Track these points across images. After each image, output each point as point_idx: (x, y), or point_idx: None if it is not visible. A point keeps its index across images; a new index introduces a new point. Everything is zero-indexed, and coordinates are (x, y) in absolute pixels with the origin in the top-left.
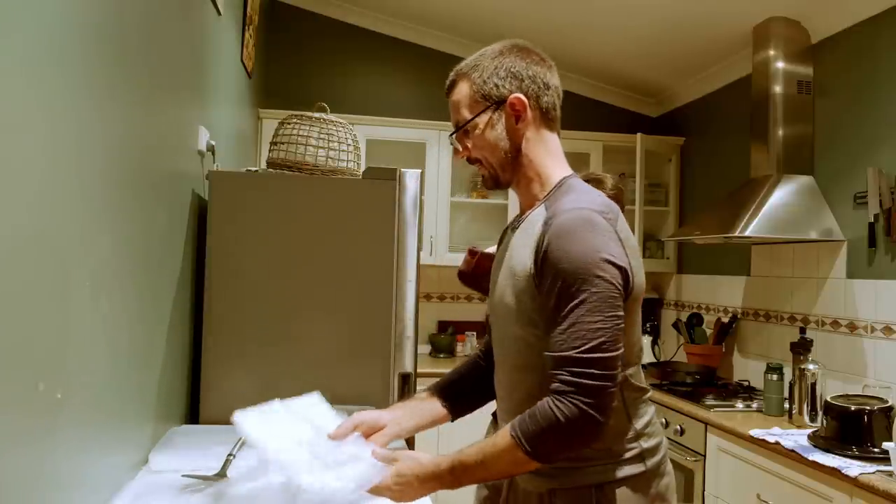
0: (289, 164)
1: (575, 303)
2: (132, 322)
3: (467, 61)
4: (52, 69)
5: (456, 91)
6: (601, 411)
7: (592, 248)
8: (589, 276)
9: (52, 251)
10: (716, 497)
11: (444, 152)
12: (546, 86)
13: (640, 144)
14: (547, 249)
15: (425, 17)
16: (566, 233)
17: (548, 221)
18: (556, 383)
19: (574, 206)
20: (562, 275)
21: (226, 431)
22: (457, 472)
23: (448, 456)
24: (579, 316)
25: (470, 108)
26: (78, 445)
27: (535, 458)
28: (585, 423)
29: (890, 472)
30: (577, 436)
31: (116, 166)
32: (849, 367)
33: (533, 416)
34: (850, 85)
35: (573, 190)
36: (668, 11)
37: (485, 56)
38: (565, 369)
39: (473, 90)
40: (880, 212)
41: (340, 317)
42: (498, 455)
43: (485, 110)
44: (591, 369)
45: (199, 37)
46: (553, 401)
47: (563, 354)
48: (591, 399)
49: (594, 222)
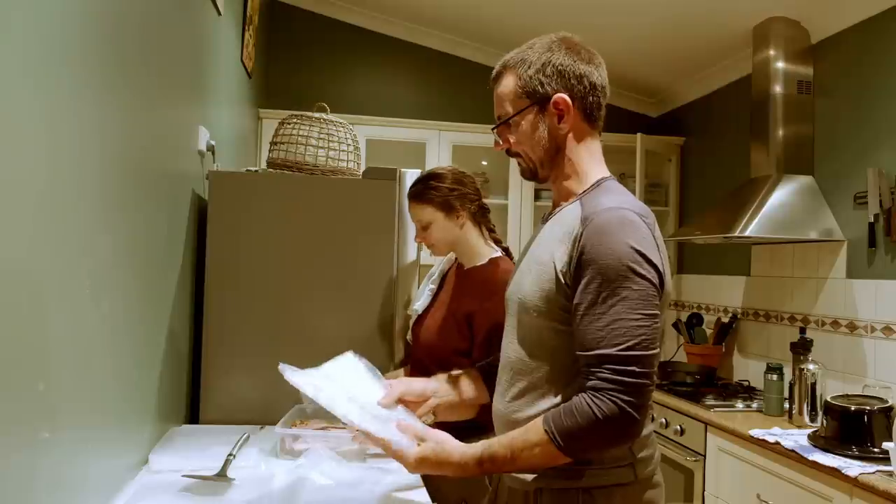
0: (289, 164)
1: (615, 299)
2: (132, 322)
3: (515, 54)
4: (51, 69)
5: (501, 83)
6: (640, 410)
7: (633, 246)
8: (629, 274)
9: (52, 251)
10: (716, 497)
11: (444, 152)
12: (592, 86)
13: (640, 144)
14: (584, 247)
15: (425, 17)
16: (607, 230)
17: (585, 220)
18: (593, 380)
19: (614, 205)
20: (602, 271)
21: (226, 431)
22: (485, 464)
23: (476, 446)
24: (619, 313)
25: (514, 104)
26: (78, 445)
27: (567, 454)
28: (624, 422)
29: (890, 472)
30: (615, 434)
31: (116, 166)
32: (849, 367)
33: (569, 412)
34: (850, 85)
35: (611, 191)
36: (668, 11)
37: (533, 49)
38: (605, 366)
39: (518, 85)
40: (880, 212)
41: (340, 316)
42: (529, 449)
43: (528, 107)
44: (632, 367)
45: (199, 37)
46: (591, 397)
47: (603, 352)
48: (631, 397)
49: (634, 222)
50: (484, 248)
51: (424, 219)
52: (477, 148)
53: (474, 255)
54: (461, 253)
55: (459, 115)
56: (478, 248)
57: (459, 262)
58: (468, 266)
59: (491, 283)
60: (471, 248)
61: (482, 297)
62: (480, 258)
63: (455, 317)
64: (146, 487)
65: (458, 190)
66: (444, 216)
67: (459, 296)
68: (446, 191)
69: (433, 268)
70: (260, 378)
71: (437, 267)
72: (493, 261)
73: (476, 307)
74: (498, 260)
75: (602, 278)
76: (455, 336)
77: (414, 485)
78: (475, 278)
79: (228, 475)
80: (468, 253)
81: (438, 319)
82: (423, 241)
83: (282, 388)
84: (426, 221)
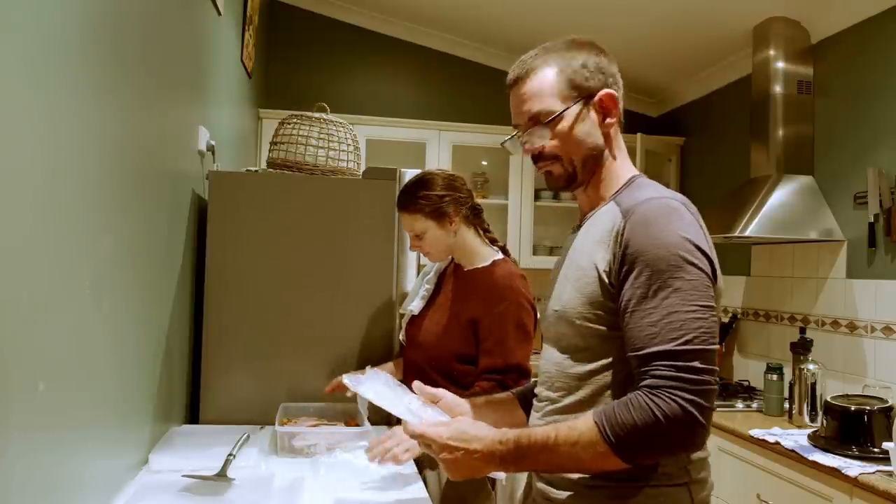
0: (289, 164)
1: (668, 291)
2: (133, 322)
3: (542, 51)
4: (51, 69)
5: (534, 80)
6: (704, 411)
7: (682, 235)
8: (681, 263)
9: (52, 251)
10: (716, 497)
11: (444, 152)
12: (621, 87)
13: (640, 144)
14: (630, 240)
15: (425, 17)
16: (652, 220)
17: (626, 213)
18: (649, 379)
19: (656, 195)
20: (650, 263)
21: (226, 431)
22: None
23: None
24: (673, 305)
25: (559, 98)
26: (78, 445)
27: (616, 452)
28: (688, 425)
29: (890, 472)
30: (676, 438)
31: (116, 166)
32: (849, 367)
33: (624, 407)
34: (850, 85)
35: (647, 186)
36: (668, 11)
37: (563, 48)
38: (661, 363)
39: (561, 79)
40: (880, 212)
41: (341, 317)
42: (573, 440)
43: (575, 103)
44: (692, 362)
45: (199, 37)
46: (648, 395)
47: (658, 349)
48: (694, 396)
49: (680, 211)
50: (483, 249)
51: (417, 228)
52: (477, 148)
53: (475, 257)
54: (460, 256)
55: (459, 115)
56: (477, 250)
57: (457, 262)
58: (468, 268)
59: (497, 287)
60: (469, 250)
61: (488, 302)
62: (482, 259)
63: (458, 321)
64: (146, 487)
65: (449, 196)
66: (437, 224)
67: (461, 299)
68: (436, 198)
69: (427, 266)
70: (260, 378)
71: (433, 266)
72: (495, 263)
73: (481, 312)
74: (501, 262)
75: (651, 270)
76: (457, 341)
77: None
78: (479, 282)
79: (228, 475)
80: (468, 255)
81: (438, 323)
82: (419, 250)
83: (282, 388)
84: (419, 230)
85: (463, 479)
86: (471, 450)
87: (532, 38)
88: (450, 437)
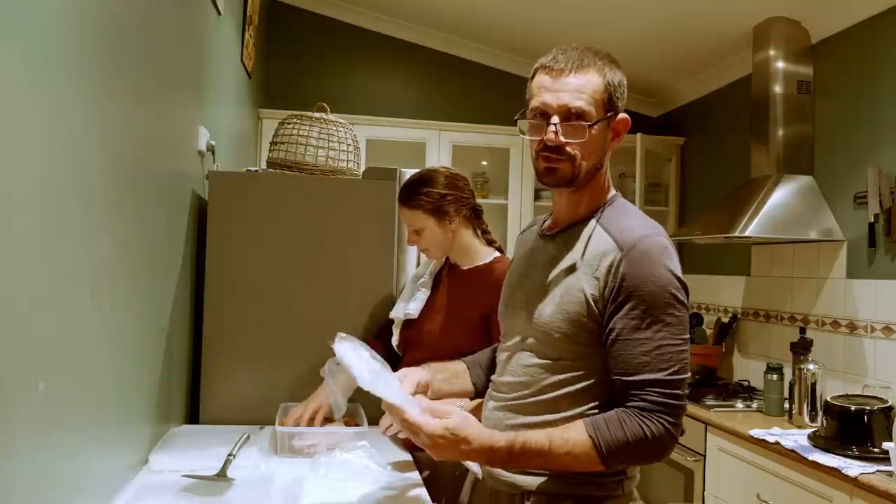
0: (289, 164)
1: (660, 325)
2: (132, 322)
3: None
4: (51, 69)
5: (584, 77)
6: (678, 430)
7: (674, 274)
8: (672, 301)
9: (52, 252)
10: (716, 497)
11: (444, 152)
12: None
13: (640, 144)
14: (626, 274)
15: (425, 17)
16: (650, 259)
17: (623, 248)
18: (638, 402)
19: (649, 233)
20: (646, 298)
21: (226, 431)
22: (515, 451)
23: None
24: (664, 338)
25: (597, 107)
26: (78, 445)
27: (605, 463)
28: (667, 442)
29: (890, 472)
30: (657, 453)
31: (116, 166)
32: (849, 367)
33: (617, 426)
34: (850, 85)
35: (629, 212)
36: (668, 11)
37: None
38: (652, 390)
39: (606, 90)
40: (880, 212)
41: (341, 316)
42: (568, 449)
43: (606, 115)
44: (677, 390)
45: (199, 37)
46: (640, 417)
47: (650, 377)
48: (676, 420)
49: (670, 251)
50: (482, 248)
51: (416, 224)
52: (477, 148)
53: (474, 256)
54: (458, 255)
55: (459, 115)
56: (476, 249)
57: (454, 263)
58: (467, 267)
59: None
60: (467, 249)
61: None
62: (481, 258)
63: (466, 319)
64: (146, 487)
65: (451, 194)
66: (436, 222)
67: (465, 297)
68: (437, 196)
69: (420, 269)
70: (260, 378)
71: (426, 269)
72: (497, 259)
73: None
74: (502, 259)
75: (647, 305)
76: (466, 339)
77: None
78: (485, 278)
79: (228, 475)
80: (466, 254)
81: (442, 323)
82: (416, 245)
83: (282, 388)
84: (418, 226)
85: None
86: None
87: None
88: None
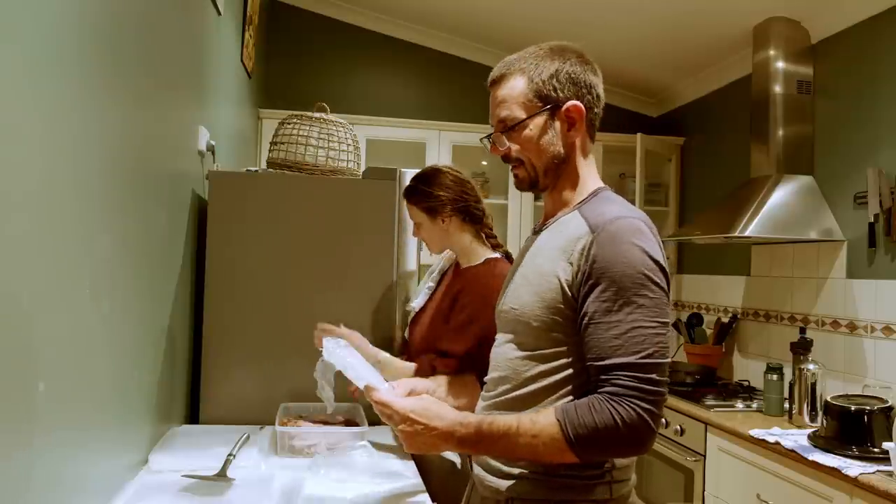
0: (289, 164)
1: (633, 307)
2: (132, 322)
3: (520, 57)
4: (51, 69)
5: (506, 85)
6: (656, 420)
7: (648, 254)
8: (645, 281)
9: (52, 252)
10: (716, 497)
11: (444, 152)
12: (598, 97)
13: (640, 144)
14: (597, 255)
15: (425, 17)
16: (620, 238)
17: (594, 229)
18: (610, 387)
19: (623, 214)
20: (616, 279)
21: (226, 431)
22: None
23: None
24: (637, 321)
25: (524, 108)
26: (78, 445)
27: (573, 449)
28: (642, 431)
29: (890, 472)
30: (630, 442)
31: (116, 166)
32: (849, 367)
33: (585, 410)
34: (850, 85)
35: (612, 200)
36: (668, 11)
37: (540, 55)
38: (623, 374)
39: (530, 89)
40: (880, 212)
41: (340, 317)
42: (535, 432)
43: (540, 112)
44: (651, 375)
45: (199, 37)
46: (609, 401)
47: (621, 360)
48: (650, 406)
49: (644, 231)
50: (480, 248)
51: (414, 218)
52: (477, 148)
53: (471, 256)
54: (458, 254)
55: (459, 115)
56: (473, 249)
57: (458, 261)
58: (464, 266)
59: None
60: (464, 248)
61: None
62: (476, 258)
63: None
64: (146, 487)
65: (445, 195)
66: (429, 219)
67: (451, 295)
68: (431, 195)
69: (433, 265)
70: (260, 378)
71: (437, 264)
72: (488, 261)
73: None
74: (494, 261)
75: (617, 286)
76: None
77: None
78: (471, 279)
79: (228, 475)
80: (465, 255)
81: (430, 317)
82: (418, 237)
83: (282, 388)
84: (416, 220)
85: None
86: (431, 426)
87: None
88: (412, 411)
